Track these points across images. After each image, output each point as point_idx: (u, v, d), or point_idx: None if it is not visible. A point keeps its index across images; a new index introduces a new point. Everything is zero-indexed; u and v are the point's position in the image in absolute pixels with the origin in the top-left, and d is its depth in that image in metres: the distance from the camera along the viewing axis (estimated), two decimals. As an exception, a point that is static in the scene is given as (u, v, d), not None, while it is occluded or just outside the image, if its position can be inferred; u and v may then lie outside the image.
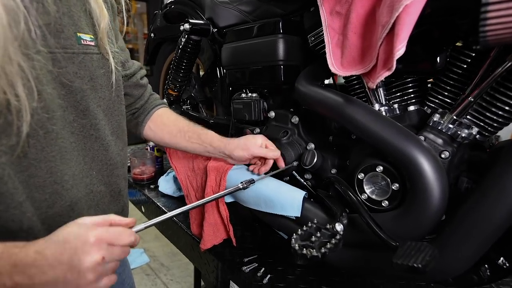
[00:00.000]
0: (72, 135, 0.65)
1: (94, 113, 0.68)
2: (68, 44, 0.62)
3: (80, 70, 0.64)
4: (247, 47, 1.11)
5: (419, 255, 0.53)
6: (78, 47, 0.64)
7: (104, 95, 0.70)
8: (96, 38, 0.68)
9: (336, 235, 0.63)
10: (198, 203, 0.74)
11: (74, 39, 0.63)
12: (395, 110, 0.85)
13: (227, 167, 1.06)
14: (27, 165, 0.58)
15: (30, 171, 0.58)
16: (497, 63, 0.66)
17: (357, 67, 0.74)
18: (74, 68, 0.63)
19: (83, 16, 0.66)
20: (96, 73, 0.68)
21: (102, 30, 0.68)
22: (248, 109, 1.20)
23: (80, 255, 0.49)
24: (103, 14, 0.68)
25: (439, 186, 0.65)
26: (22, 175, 0.58)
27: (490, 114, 0.70)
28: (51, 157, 0.61)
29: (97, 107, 0.69)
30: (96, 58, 0.68)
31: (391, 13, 0.59)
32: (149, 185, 1.68)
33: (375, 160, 0.78)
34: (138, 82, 0.95)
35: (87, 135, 0.67)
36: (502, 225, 0.55)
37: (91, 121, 0.68)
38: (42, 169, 0.60)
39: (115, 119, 0.75)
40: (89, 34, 0.66)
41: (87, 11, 0.67)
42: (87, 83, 0.66)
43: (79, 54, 0.64)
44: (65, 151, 0.63)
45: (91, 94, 0.67)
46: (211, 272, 1.13)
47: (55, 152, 0.61)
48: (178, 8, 1.65)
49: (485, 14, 0.52)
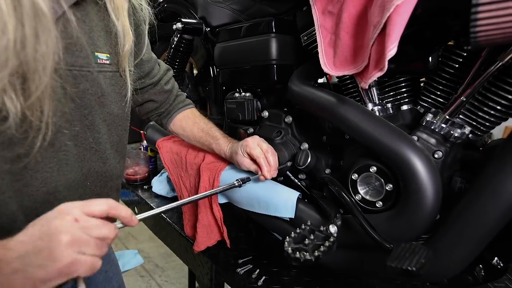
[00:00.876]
0: (75, 147, 0.65)
1: (98, 127, 0.69)
2: (85, 63, 0.63)
3: (93, 87, 0.65)
4: (240, 47, 1.10)
5: (413, 257, 0.53)
6: (94, 66, 0.65)
7: (111, 111, 0.71)
8: (112, 56, 0.69)
9: (330, 238, 0.62)
10: (192, 199, 0.73)
11: (91, 58, 0.64)
12: (388, 109, 0.85)
13: (221, 167, 1.05)
14: (24, 174, 0.57)
15: (25, 180, 0.58)
16: (488, 62, 0.66)
17: (350, 67, 0.74)
18: (86, 85, 0.64)
19: (102, 35, 0.68)
20: (107, 90, 0.69)
21: (125, 52, 0.70)
22: (241, 108, 1.19)
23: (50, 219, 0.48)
24: (128, 37, 0.70)
25: (433, 187, 0.65)
26: (18, 184, 0.57)
27: (482, 114, 0.70)
28: (48, 168, 0.60)
29: (102, 121, 0.69)
30: (109, 76, 0.69)
31: (382, 13, 0.59)
32: (143, 186, 1.67)
33: (368, 161, 0.77)
34: (163, 89, 1.00)
35: (88, 148, 0.68)
36: (496, 225, 0.55)
37: (94, 134, 0.68)
38: (38, 179, 0.59)
39: (118, 133, 0.75)
40: (105, 53, 0.68)
41: (110, 32, 0.69)
42: (97, 100, 0.67)
43: (94, 72, 0.65)
44: (65, 163, 0.63)
45: (99, 109, 0.68)
46: (205, 274, 1.12)
47: (53, 163, 0.61)
48: (171, 7, 1.63)
49: (476, 15, 0.51)
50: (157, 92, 0.99)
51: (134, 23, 0.77)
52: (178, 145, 1.25)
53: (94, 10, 0.66)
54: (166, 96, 1.02)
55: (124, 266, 2.67)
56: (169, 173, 1.26)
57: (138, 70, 0.87)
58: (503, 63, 0.63)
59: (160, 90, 0.99)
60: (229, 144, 0.99)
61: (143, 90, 0.96)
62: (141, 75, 0.90)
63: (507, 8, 0.49)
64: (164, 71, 1.00)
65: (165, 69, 1.01)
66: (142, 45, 0.83)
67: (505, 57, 0.62)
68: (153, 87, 0.97)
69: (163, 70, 0.99)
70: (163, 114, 1.05)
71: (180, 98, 1.07)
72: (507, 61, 0.62)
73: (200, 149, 1.13)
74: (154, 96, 0.99)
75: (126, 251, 2.89)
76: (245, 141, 0.92)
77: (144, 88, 0.95)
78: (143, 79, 0.92)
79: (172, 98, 1.04)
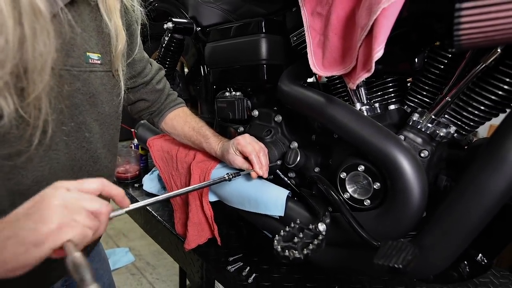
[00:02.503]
0: (66, 147, 0.65)
1: (90, 127, 0.68)
2: (76, 62, 0.63)
3: (84, 87, 0.65)
4: (230, 46, 1.10)
5: (400, 254, 0.54)
6: (85, 66, 0.65)
7: (103, 110, 0.71)
8: (103, 56, 0.69)
9: (319, 236, 0.63)
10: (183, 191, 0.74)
11: (83, 58, 0.64)
12: (376, 109, 0.86)
13: (211, 165, 1.05)
14: (15, 173, 0.57)
15: (17, 179, 0.58)
16: (472, 64, 0.67)
17: (338, 67, 0.74)
18: (78, 85, 0.64)
19: (94, 36, 0.67)
20: (98, 90, 0.69)
21: (118, 53, 0.70)
22: (232, 107, 1.19)
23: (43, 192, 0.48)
24: (120, 38, 0.70)
25: (419, 185, 0.65)
26: (9, 183, 0.57)
27: (467, 114, 0.71)
28: (39, 167, 0.60)
29: (94, 121, 0.69)
30: (100, 76, 0.69)
31: (369, 16, 0.59)
32: (133, 184, 1.66)
33: (357, 160, 0.78)
34: (154, 88, 1.00)
35: (79, 147, 0.67)
36: (480, 223, 0.56)
37: (85, 134, 0.68)
38: (28, 177, 0.59)
39: (109, 133, 0.75)
40: (97, 53, 0.67)
41: (102, 32, 0.68)
42: (88, 99, 0.67)
43: (85, 72, 0.65)
44: (56, 162, 0.63)
45: (90, 109, 0.68)
46: (196, 272, 1.12)
47: (44, 162, 0.61)
48: (162, 6, 1.62)
49: (459, 19, 0.53)
50: (148, 91, 0.99)
51: (126, 23, 0.77)
52: (169, 144, 1.24)
53: (86, 11, 0.65)
54: (157, 95, 1.02)
55: (115, 264, 2.65)
56: (160, 172, 1.26)
57: (130, 70, 0.86)
58: (486, 65, 0.64)
59: (151, 89, 0.99)
60: (220, 143, 0.99)
61: (135, 89, 0.95)
62: (133, 74, 0.89)
63: (489, 12, 0.50)
64: (156, 71, 0.99)
65: (156, 69, 1.00)
66: (134, 45, 0.83)
67: (488, 59, 0.63)
68: (145, 86, 0.97)
69: (154, 69, 0.99)
70: (154, 113, 1.05)
71: (172, 97, 1.07)
72: (489, 63, 0.63)
73: (191, 148, 1.13)
74: (146, 95, 0.99)
75: (117, 249, 2.87)
76: (237, 139, 0.92)
77: (136, 87, 0.95)
78: (135, 78, 0.92)
79: (164, 97, 1.04)
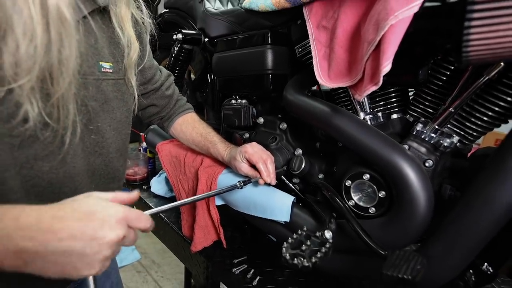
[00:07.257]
0: (82, 151, 0.64)
1: (103, 132, 0.68)
2: (90, 71, 0.63)
3: (97, 94, 0.65)
4: (237, 57, 1.08)
5: (408, 265, 0.51)
6: (98, 74, 0.65)
7: (115, 116, 0.71)
8: (115, 65, 0.69)
9: (326, 243, 0.60)
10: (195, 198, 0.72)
11: (96, 67, 0.64)
12: (379, 118, 0.84)
13: (218, 171, 1.03)
14: (32, 175, 0.57)
15: (33, 181, 0.57)
16: (475, 76, 0.65)
17: (344, 79, 0.72)
18: (92, 92, 0.64)
19: (106, 46, 0.67)
20: (110, 96, 0.68)
21: (130, 62, 0.71)
22: (237, 115, 1.18)
23: (106, 229, 0.45)
24: (134, 48, 0.70)
25: (425, 195, 0.63)
26: (26, 185, 0.56)
27: (470, 124, 0.69)
28: (54, 170, 0.59)
29: (107, 126, 0.69)
30: (111, 83, 0.69)
31: (377, 31, 0.57)
32: (142, 186, 1.65)
33: (361, 168, 0.76)
34: (164, 94, 0.99)
35: (93, 152, 0.67)
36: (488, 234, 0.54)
37: (99, 138, 0.67)
38: (44, 179, 0.58)
39: (121, 137, 0.75)
40: (109, 62, 0.67)
41: (114, 42, 0.69)
42: (101, 106, 0.67)
43: (98, 79, 0.65)
44: (73, 166, 0.62)
45: (103, 115, 0.68)
46: (202, 273, 1.10)
47: (59, 166, 0.60)
48: (172, 18, 1.62)
49: (468, 36, 0.51)
50: (158, 97, 0.98)
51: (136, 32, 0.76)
52: (177, 149, 1.23)
53: (99, 22, 0.65)
54: (167, 101, 1.01)
55: (122, 262, 2.62)
56: (168, 175, 1.24)
57: (140, 77, 0.86)
58: (490, 78, 0.62)
59: (161, 95, 0.99)
60: (227, 149, 0.98)
61: (145, 96, 0.94)
62: (143, 81, 0.89)
63: (497, 31, 0.49)
64: (165, 77, 0.99)
65: (166, 75, 1.00)
66: (144, 52, 0.82)
67: (491, 72, 0.62)
68: (154, 92, 0.97)
69: (164, 76, 0.98)
70: (164, 118, 1.04)
71: (181, 102, 1.06)
72: (493, 76, 0.62)
73: (198, 153, 1.11)
74: (156, 101, 0.98)
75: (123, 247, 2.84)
76: (244, 147, 0.91)
77: (146, 94, 0.94)
78: (145, 85, 0.91)
79: (173, 103, 1.03)
